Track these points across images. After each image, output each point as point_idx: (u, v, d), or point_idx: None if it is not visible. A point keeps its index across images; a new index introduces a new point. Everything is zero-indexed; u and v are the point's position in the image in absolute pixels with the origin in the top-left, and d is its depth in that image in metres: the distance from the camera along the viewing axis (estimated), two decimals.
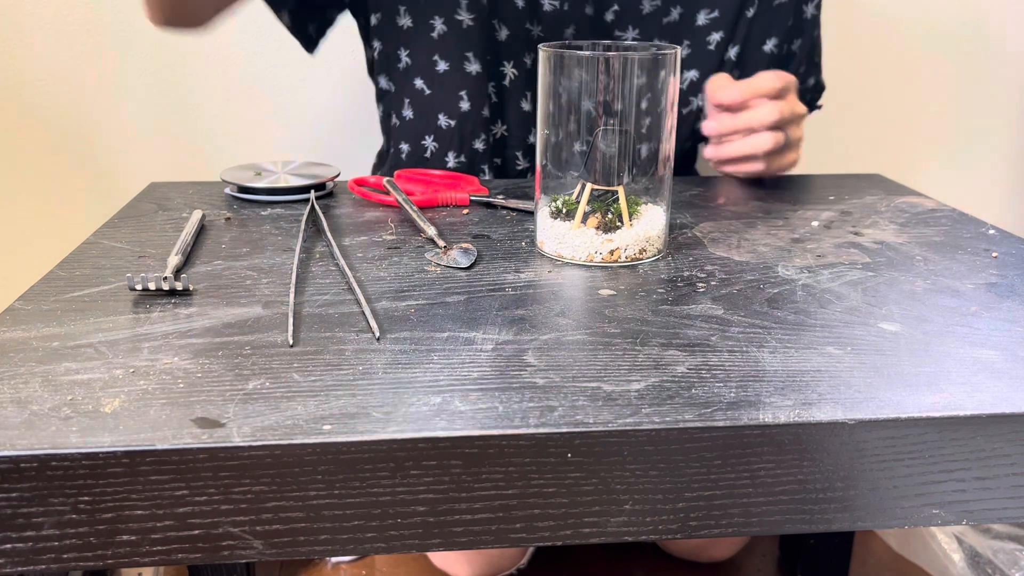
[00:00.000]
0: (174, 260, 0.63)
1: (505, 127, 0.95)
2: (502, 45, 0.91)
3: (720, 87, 0.83)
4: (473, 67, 0.90)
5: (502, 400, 0.45)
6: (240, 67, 1.22)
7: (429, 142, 0.94)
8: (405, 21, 0.91)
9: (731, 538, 1.12)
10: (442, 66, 0.91)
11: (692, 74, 0.94)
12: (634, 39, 0.93)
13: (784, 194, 0.86)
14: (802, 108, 0.85)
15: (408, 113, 0.95)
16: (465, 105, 0.92)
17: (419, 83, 0.92)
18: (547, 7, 0.91)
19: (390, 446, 0.41)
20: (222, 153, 1.24)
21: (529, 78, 0.93)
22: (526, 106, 0.94)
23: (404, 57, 0.93)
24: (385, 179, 0.81)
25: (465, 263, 0.65)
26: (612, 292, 0.60)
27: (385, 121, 0.99)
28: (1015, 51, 1.34)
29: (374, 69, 0.97)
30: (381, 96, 0.98)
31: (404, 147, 0.97)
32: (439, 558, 1.10)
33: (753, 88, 0.81)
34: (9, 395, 0.45)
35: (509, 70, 0.92)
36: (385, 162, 1.02)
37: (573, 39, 0.92)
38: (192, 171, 1.24)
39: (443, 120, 0.93)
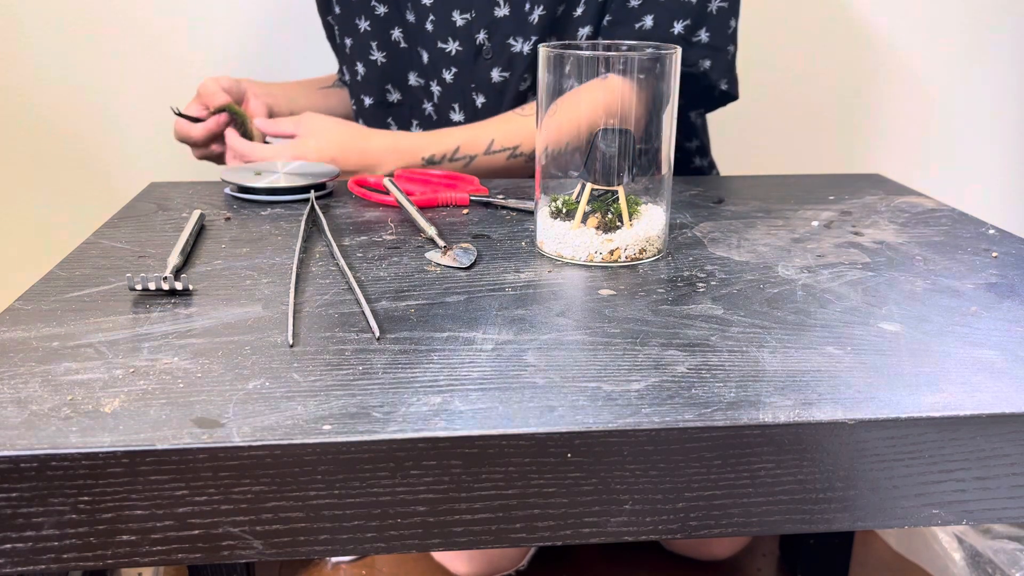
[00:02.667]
0: (174, 260, 0.63)
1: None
2: (427, 67, 0.99)
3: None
4: (395, 96, 1.03)
5: (502, 400, 0.45)
6: (240, 67, 1.22)
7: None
8: (346, 71, 1.06)
9: None
10: (368, 101, 1.04)
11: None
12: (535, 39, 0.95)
13: (784, 194, 0.86)
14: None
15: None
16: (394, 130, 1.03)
17: (361, 121, 1.06)
18: (459, 22, 0.95)
19: (390, 446, 0.41)
20: None
21: (452, 91, 0.99)
22: (455, 116, 1.00)
23: (353, 103, 1.07)
24: (385, 179, 0.81)
25: (465, 263, 0.65)
26: (612, 292, 0.60)
27: None
28: (1015, 51, 1.34)
29: None
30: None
31: None
32: (440, 553, 1.10)
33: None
34: (9, 395, 0.45)
35: (435, 88, 1.00)
36: None
37: (487, 42, 0.95)
38: (192, 171, 1.24)
39: None
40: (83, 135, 1.24)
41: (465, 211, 0.80)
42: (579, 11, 0.93)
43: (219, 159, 0.97)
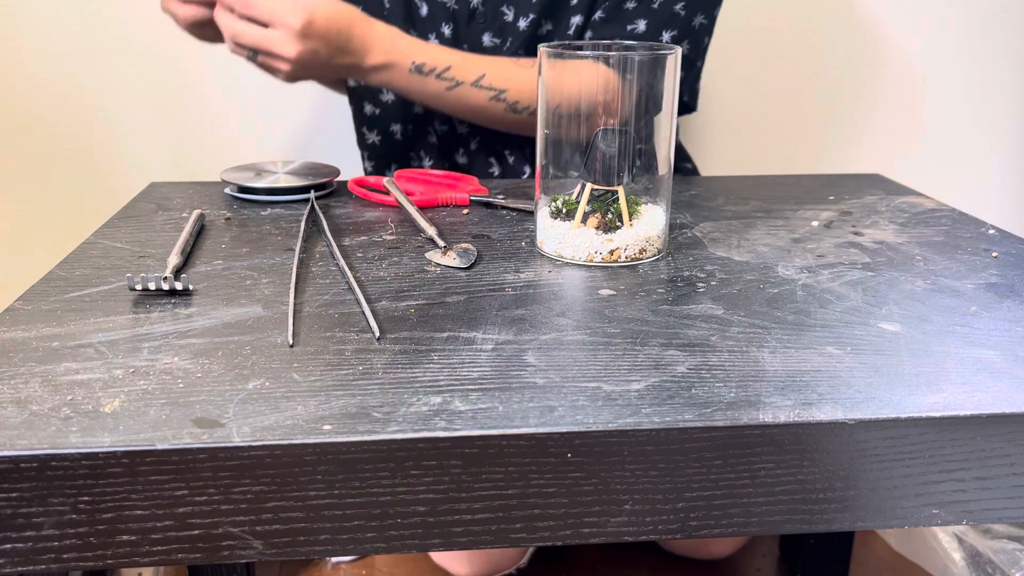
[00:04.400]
0: (174, 260, 0.63)
1: (445, 127, 1.02)
2: (425, 20, 0.98)
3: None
4: None
5: (502, 400, 0.45)
6: (240, 67, 1.22)
7: (397, 128, 1.02)
8: None
9: None
10: None
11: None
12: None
13: (784, 194, 0.86)
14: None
15: (389, 96, 1.01)
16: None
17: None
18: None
19: (390, 446, 0.41)
20: (222, 153, 1.24)
21: (449, 46, 0.98)
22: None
23: None
24: (385, 179, 0.81)
25: (465, 263, 0.65)
26: (612, 292, 0.60)
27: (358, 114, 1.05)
28: (1016, 51, 1.34)
29: None
30: (352, 92, 1.04)
31: (376, 137, 1.04)
32: (439, 554, 1.10)
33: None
34: (9, 395, 0.45)
35: (433, 39, 0.98)
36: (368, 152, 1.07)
37: (480, 6, 0.95)
38: (192, 171, 1.24)
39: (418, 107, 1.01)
40: (83, 135, 1.24)
41: (465, 211, 0.80)
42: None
43: (211, 38, 0.88)
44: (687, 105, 0.99)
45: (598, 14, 0.92)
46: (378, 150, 1.04)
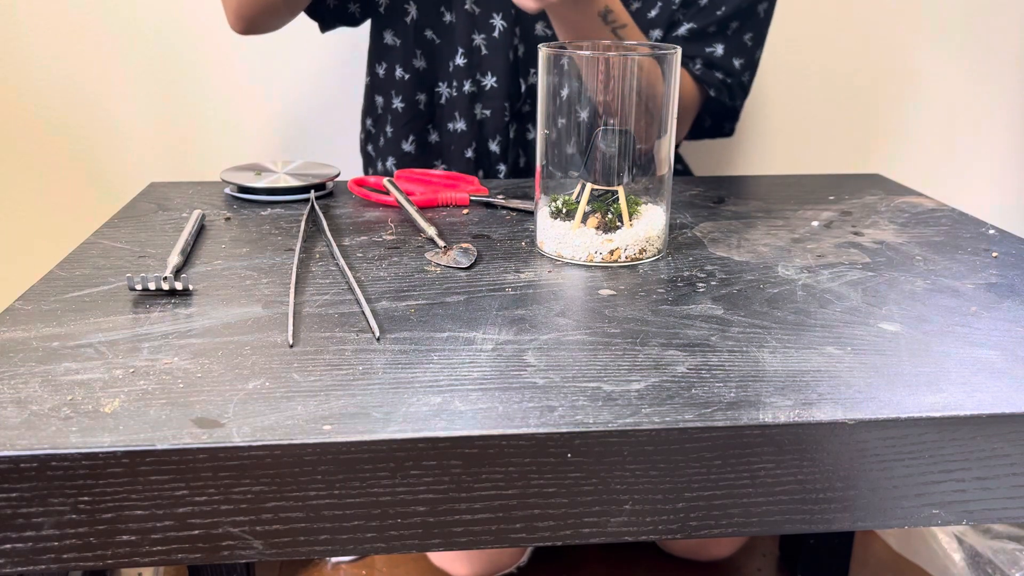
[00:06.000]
0: (174, 260, 0.63)
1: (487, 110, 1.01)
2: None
3: None
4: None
5: (502, 400, 0.45)
6: (240, 67, 1.22)
7: (442, 88, 1.02)
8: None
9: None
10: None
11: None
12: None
13: (784, 194, 0.86)
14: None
15: (420, 63, 1.01)
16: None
17: (428, 33, 1.00)
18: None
19: (390, 446, 0.41)
20: (222, 153, 1.24)
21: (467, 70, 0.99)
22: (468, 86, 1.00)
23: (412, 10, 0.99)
24: (385, 179, 0.81)
25: (465, 263, 0.65)
26: (612, 292, 0.60)
27: (387, 80, 1.03)
28: (1015, 51, 1.34)
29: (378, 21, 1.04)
30: (383, 53, 1.02)
31: (398, 104, 1.02)
32: (439, 556, 1.10)
33: None
34: (9, 395, 0.45)
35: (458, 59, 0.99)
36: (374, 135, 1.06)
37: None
38: (192, 171, 1.24)
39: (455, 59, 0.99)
40: (82, 135, 1.24)
41: (465, 211, 0.80)
42: (654, 13, 0.94)
43: None
44: (722, 129, 1.02)
45: (682, 30, 0.94)
46: (401, 117, 1.03)
